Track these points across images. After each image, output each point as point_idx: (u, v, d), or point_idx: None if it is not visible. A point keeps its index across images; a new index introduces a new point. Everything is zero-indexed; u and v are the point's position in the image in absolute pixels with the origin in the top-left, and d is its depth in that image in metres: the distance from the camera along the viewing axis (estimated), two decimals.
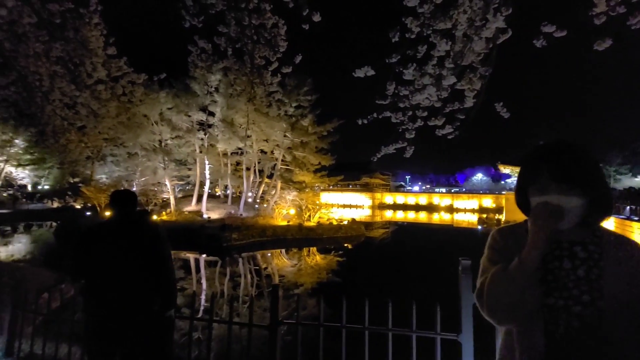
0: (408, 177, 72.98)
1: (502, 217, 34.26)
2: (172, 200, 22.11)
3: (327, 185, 26.26)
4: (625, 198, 19.70)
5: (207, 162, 22.36)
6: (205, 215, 20.51)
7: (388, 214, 40.54)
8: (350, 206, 46.13)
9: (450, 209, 44.37)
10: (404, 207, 47.25)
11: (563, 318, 0.88)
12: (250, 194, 23.25)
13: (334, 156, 23.31)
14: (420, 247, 19.22)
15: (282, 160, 22.52)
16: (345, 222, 21.15)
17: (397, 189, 58.55)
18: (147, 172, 22.30)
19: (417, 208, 46.40)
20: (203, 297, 8.60)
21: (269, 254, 15.72)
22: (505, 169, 42.12)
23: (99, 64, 6.23)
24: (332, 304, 2.78)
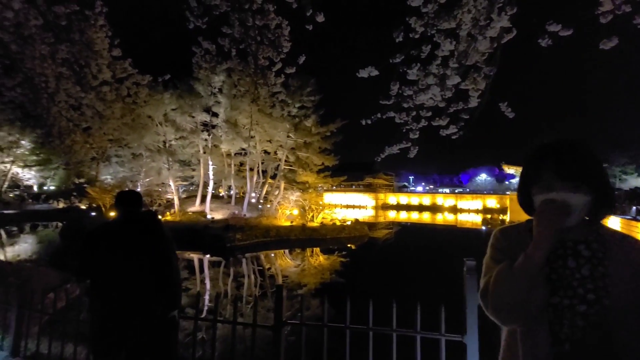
0: (411, 178, 72.74)
1: (507, 218, 34.06)
2: (176, 201, 22.22)
3: (331, 185, 26.23)
4: (631, 198, 19.50)
5: (210, 162, 22.44)
6: (209, 216, 20.59)
7: (391, 215, 40.42)
8: (353, 207, 46.05)
9: (454, 210, 44.15)
10: (408, 208, 47.10)
11: (567, 317, 0.87)
12: (254, 195, 23.29)
13: (337, 156, 23.34)
14: (424, 247, 19.14)
15: (285, 161, 22.55)
16: (349, 223, 21.11)
17: (401, 189, 58.37)
18: (151, 172, 22.43)
19: (420, 208, 46.22)
20: (207, 297, 8.63)
21: (273, 255, 15.74)
22: (509, 170, 41.84)
23: (104, 65, 6.29)
24: (335, 305, 2.78)
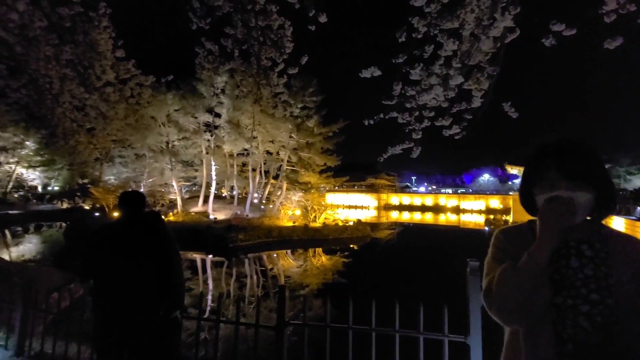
0: (414, 178, 72.59)
1: (510, 218, 33.91)
2: (179, 201, 22.30)
3: (333, 186, 26.21)
4: (635, 199, 19.34)
5: (213, 163, 22.49)
6: (211, 216, 20.64)
7: (394, 215, 40.34)
8: (355, 207, 45.99)
9: (457, 210, 44.01)
10: (410, 208, 46.99)
11: (571, 318, 0.87)
12: (256, 195, 23.32)
13: (340, 157, 23.34)
14: (427, 248, 19.08)
15: (287, 161, 22.57)
16: (351, 223, 21.09)
17: (403, 189, 58.27)
18: (154, 173, 22.52)
19: (423, 209, 46.11)
20: (210, 297, 8.65)
21: (275, 255, 15.75)
22: (512, 170, 41.61)
23: (107, 66, 6.33)
24: (338, 305, 2.77)
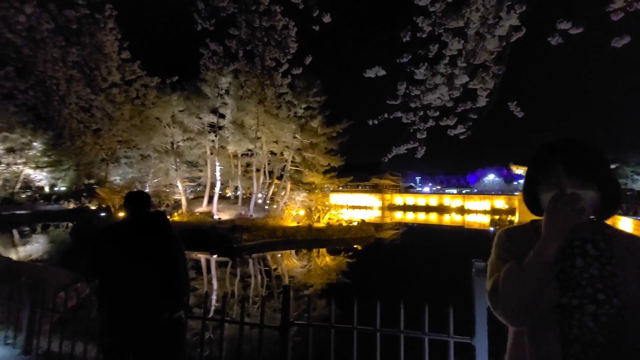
0: (418, 178, 72.34)
1: (515, 219, 33.59)
2: (183, 202, 22.42)
3: (337, 186, 26.14)
4: None
5: (217, 163, 22.60)
6: (216, 216, 20.72)
7: (398, 215, 40.20)
8: (359, 207, 45.88)
9: (462, 210, 43.72)
10: (414, 209, 46.79)
11: (576, 318, 0.86)
12: (260, 195, 23.38)
13: (344, 157, 23.29)
14: (431, 248, 18.99)
15: (291, 162, 22.59)
16: (355, 224, 21.06)
17: (407, 190, 58.07)
18: (159, 173, 22.67)
19: (427, 209, 45.89)
20: (214, 297, 8.68)
21: (279, 255, 15.77)
22: (518, 170, 41.22)
23: (113, 67, 6.39)
24: (342, 305, 2.77)
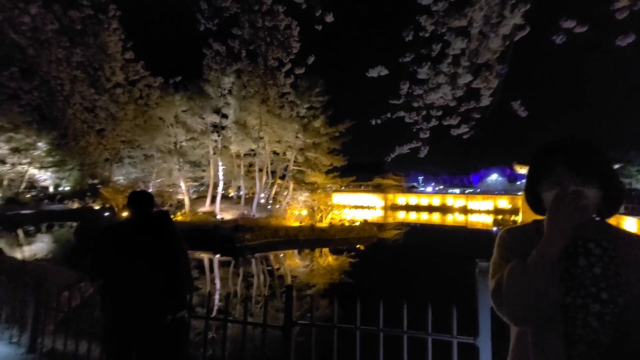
0: (421, 178, 72.10)
1: (519, 219, 33.42)
2: (186, 201, 22.50)
3: (339, 186, 26.14)
4: None
5: (220, 163, 22.65)
6: (218, 216, 20.78)
7: (400, 215, 40.07)
8: (362, 207, 45.79)
9: (464, 210, 43.51)
10: (417, 208, 46.62)
11: (581, 318, 0.85)
12: (263, 195, 23.41)
13: (346, 157, 23.27)
14: (434, 248, 18.92)
15: (294, 162, 22.60)
16: (358, 223, 21.02)
17: (410, 189, 57.84)
18: (162, 173, 22.76)
19: (430, 209, 45.72)
20: (217, 296, 8.70)
21: (282, 255, 15.78)
22: (521, 170, 41.09)
23: (117, 68, 6.42)
24: (344, 305, 2.76)
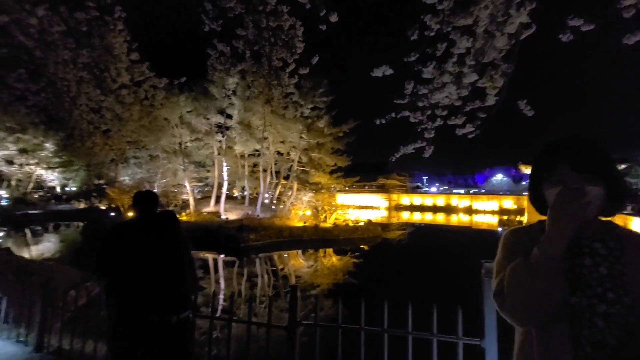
0: (425, 178, 71.85)
1: (524, 219, 33.13)
2: (191, 201, 22.62)
3: (343, 186, 26.11)
4: None
5: (225, 164, 22.76)
6: (223, 216, 20.86)
7: (405, 216, 39.93)
8: (366, 207, 45.71)
9: (469, 211, 43.24)
10: (421, 209, 46.44)
11: (587, 318, 0.84)
12: (267, 195, 23.46)
13: (350, 157, 23.24)
14: (439, 248, 18.83)
15: (298, 162, 22.62)
16: (362, 224, 20.98)
17: (414, 190, 57.61)
18: (167, 173, 22.91)
19: (434, 209, 45.51)
20: (221, 296, 8.73)
21: (286, 255, 15.80)
22: (526, 170, 40.66)
23: (122, 69, 6.48)
24: (348, 306, 2.75)
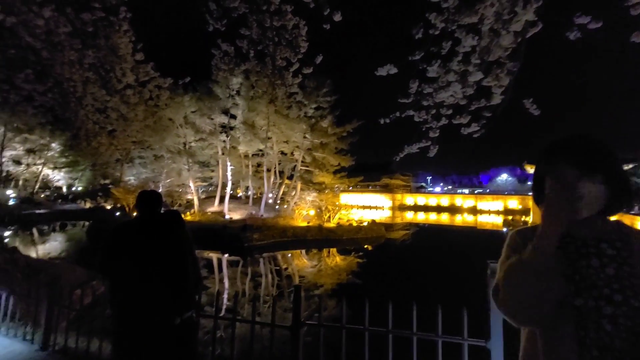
0: (429, 178, 71.55)
1: (529, 219, 32.87)
2: (195, 201, 22.72)
3: (347, 186, 26.16)
4: None
5: (229, 163, 22.84)
6: (227, 216, 20.94)
7: (409, 216, 39.78)
8: (370, 207, 45.63)
9: (474, 211, 42.99)
10: (425, 209, 46.26)
11: (593, 320, 0.82)
12: (271, 195, 23.51)
13: (354, 157, 23.24)
14: (443, 249, 18.73)
15: (302, 162, 22.64)
16: (365, 224, 20.94)
17: (418, 190, 57.39)
18: (172, 173, 23.05)
19: (438, 209, 45.31)
20: (225, 296, 8.76)
21: (290, 255, 15.81)
22: (532, 169, 40.16)
23: (127, 69, 6.51)
24: (352, 306, 2.74)
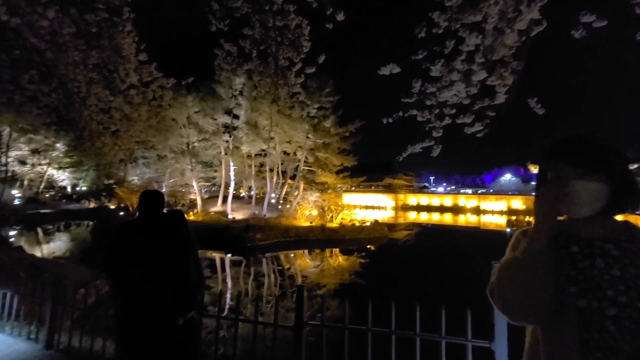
0: (432, 178, 71.41)
1: (533, 219, 32.55)
2: (198, 201, 22.79)
3: (350, 186, 26.06)
4: None
5: (232, 163, 22.89)
6: (230, 216, 20.98)
7: (411, 216, 39.70)
8: (372, 207, 45.54)
9: (477, 211, 42.81)
10: (428, 209, 46.14)
11: (597, 322, 0.80)
12: (274, 195, 23.53)
13: (356, 157, 23.23)
14: (446, 249, 18.66)
15: (304, 162, 22.65)
16: (368, 224, 20.91)
17: (421, 190, 57.26)
18: (175, 173, 23.14)
19: (441, 209, 45.16)
20: (228, 295, 8.77)
21: (292, 255, 15.82)
22: (535, 169, 40.08)
23: (131, 69, 6.55)
24: (355, 306, 2.73)
